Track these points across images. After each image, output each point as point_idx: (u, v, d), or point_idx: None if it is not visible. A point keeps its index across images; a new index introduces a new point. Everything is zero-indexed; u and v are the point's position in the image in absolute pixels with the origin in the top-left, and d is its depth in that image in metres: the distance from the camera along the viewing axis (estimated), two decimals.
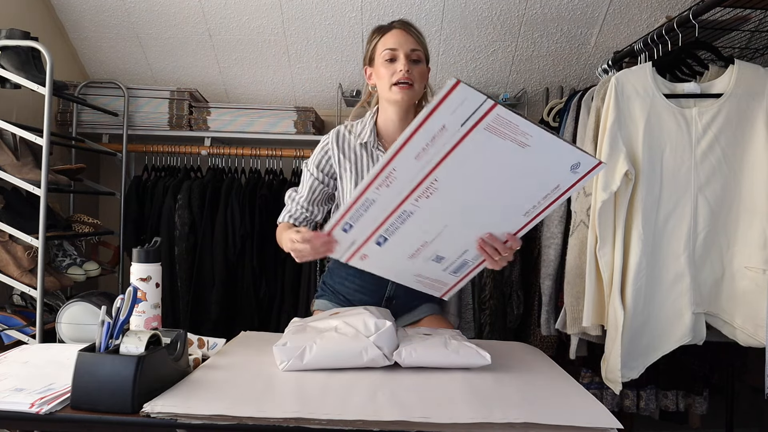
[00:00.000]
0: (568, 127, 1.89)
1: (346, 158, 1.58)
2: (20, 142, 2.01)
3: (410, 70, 1.49)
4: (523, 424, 0.98)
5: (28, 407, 0.99)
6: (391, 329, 1.29)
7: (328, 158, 1.60)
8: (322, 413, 0.99)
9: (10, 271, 1.93)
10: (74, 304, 1.46)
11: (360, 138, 1.57)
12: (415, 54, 1.51)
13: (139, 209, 2.52)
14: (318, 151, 1.62)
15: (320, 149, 1.62)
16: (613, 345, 1.59)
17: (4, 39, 1.99)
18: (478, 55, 2.70)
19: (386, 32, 1.54)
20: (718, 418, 2.43)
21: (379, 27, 1.59)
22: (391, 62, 1.50)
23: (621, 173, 1.58)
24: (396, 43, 1.50)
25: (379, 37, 1.55)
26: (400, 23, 1.55)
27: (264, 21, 2.57)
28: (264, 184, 2.55)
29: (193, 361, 1.25)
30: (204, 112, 2.61)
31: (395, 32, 1.53)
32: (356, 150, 1.58)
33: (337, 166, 1.59)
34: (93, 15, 2.58)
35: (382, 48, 1.52)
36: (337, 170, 1.59)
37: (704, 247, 1.62)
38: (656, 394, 2.32)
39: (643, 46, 1.87)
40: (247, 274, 2.44)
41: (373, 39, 1.57)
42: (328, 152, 1.60)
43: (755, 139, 1.61)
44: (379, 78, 1.53)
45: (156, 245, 1.34)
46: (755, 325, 1.58)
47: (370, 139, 1.56)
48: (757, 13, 1.84)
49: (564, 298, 1.75)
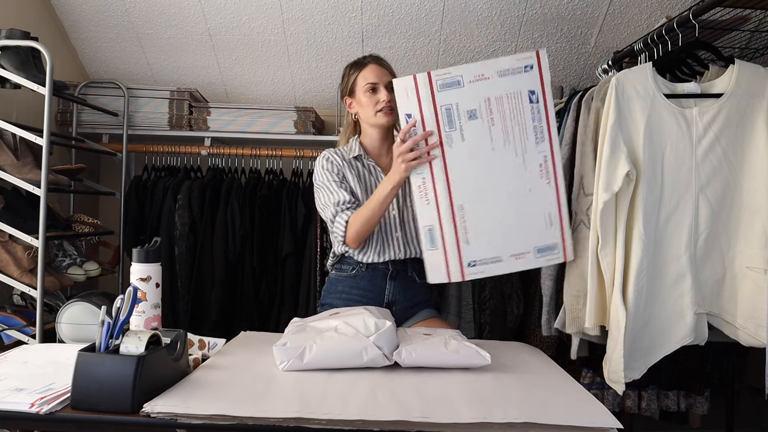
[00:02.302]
0: (568, 127, 1.88)
1: (348, 166, 1.76)
2: (20, 142, 2.01)
3: (390, 99, 1.69)
4: (523, 424, 0.98)
5: (28, 407, 0.99)
6: (391, 329, 1.29)
7: (335, 164, 1.75)
8: (322, 413, 0.99)
9: (10, 271, 1.93)
10: (74, 304, 1.46)
11: (352, 152, 1.78)
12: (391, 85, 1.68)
13: (139, 209, 2.52)
14: (323, 164, 1.76)
15: (323, 161, 1.77)
16: (616, 345, 1.59)
17: (4, 39, 1.99)
18: (478, 55, 2.70)
19: (363, 67, 1.76)
20: (718, 418, 2.43)
21: (355, 63, 1.80)
22: (373, 93, 1.73)
23: (622, 173, 1.58)
24: (375, 77, 1.73)
25: (357, 71, 1.77)
26: (373, 58, 1.79)
27: (264, 21, 2.57)
28: (264, 184, 2.55)
29: (193, 361, 1.25)
30: (204, 112, 2.61)
31: (372, 67, 1.75)
32: (351, 161, 1.78)
33: (344, 168, 1.76)
34: (93, 15, 2.58)
35: (363, 82, 1.74)
36: (344, 171, 1.75)
37: (705, 247, 1.62)
38: (657, 394, 2.31)
39: (643, 46, 1.87)
40: (247, 274, 2.44)
41: (351, 74, 1.79)
42: (334, 161, 1.76)
43: (756, 139, 1.61)
44: (363, 107, 1.75)
45: (156, 245, 1.34)
46: (756, 325, 1.58)
47: (361, 152, 1.78)
48: (757, 13, 1.84)
49: (564, 298, 1.75)
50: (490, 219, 1.49)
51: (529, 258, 1.53)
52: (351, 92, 1.79)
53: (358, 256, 1.72)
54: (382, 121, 1.74)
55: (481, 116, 1.42)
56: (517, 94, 1.44)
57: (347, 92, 1.81)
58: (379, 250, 1.72)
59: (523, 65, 1.42)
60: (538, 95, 1.45)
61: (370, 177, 1.77)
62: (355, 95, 1.78)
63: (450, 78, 1.39)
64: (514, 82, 1.43)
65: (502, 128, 1.44)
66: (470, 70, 1.40)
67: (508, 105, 1.44)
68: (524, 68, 1.42)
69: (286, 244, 2.43)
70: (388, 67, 1.78)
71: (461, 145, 1.44)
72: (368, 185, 1.75)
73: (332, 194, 1.70)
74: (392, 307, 1.72)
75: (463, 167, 1.45)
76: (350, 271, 1.75)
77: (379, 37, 2.63)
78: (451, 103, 1.40)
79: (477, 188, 1.47)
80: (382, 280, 1.73)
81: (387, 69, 1.78)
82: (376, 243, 1.72)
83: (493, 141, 1.45)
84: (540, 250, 1.54)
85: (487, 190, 1.48)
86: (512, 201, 1.49)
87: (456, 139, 1.43)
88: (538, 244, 1.54)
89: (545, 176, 1.50)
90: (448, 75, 1.39)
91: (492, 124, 1.44)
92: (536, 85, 1.44)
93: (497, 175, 1.48)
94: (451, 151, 1.44)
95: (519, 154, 1.48)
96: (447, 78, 1.39)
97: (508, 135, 1.45)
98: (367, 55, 1.82)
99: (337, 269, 1.78)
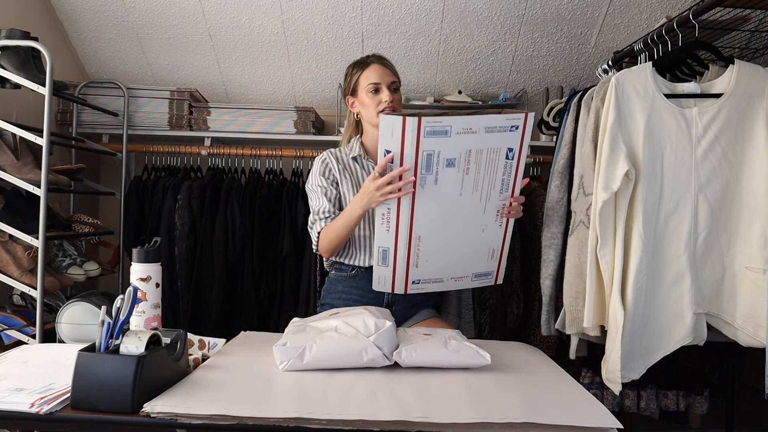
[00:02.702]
0: (568, 127, 1.88)
1: (344, 168, 1.77)
2: (20, 142, 2.01)
3: (393, 99, 1.73)
4: (523, 424, 0.98)
5: (28, 407, 0.99)
6: (391, 329, 1.29)
7: (330, 169, 1.76)
8: (322, 413, 0.99)
9: (10, 271, 1.93)
10: (74, 304, 1.46)
11: (351, 153, 1.79)
12: (393, 85, 1.76)
13: (139, 209, 2.52)
14: (318, 167, 1.78)
15: (320, 164, 1.78)
16: (614, 345, 1.59)
17: (4, 39, 1.99)
18: (478, 55, 2.70)
19: (366, 67, 1.76)
20: (718, 418, 2.43)
21: (358, 62, 1.81)
22: (375, 93, 1.74)
23: (621, 173, 1.58)
24: (378, 77, 1.74)
25: (359, 71, 1.77)
26: (376, 58, 1.79)
27: (264, 21, 2.57)
28: (264, 184, 2.55)
29: (193, 361, 1.25)
30: (204, 112, 2.61)
31: (375, 67, 1.76)
32: (349, 163, 1.79)
33: (336, 173, 1.76)
34: (93, 15, 2.58)
35: (365, 82, 1.75)
36: (337, 177, 1.76)
37: (705, 247, 1.62)
38: (657, 394, 2.31)
39: (643, 46, 1.87)
40: (247, 274, 2.44)
41: (353, 73, 1.79)
42: (328, 165, 1.77)
43: (756, 139, 1.61)
44: (365, 106, 1.76)
45: (156, 245, 1.34)
46: (756, 326, 1.58)
47: (361, 152, 1.78)
48: (757, 13, 1.84)
49: (563, 298, 1.75)
50: (442, 250, 1.58)
51: (466, 281, 1.66)
52: (353, 92, 1.80)
53: (351, 261, 1.74)
54: None
55: (458, 165, 1.47)
56: (497, 150, 1.48)
57: (350, 91, 1.81)
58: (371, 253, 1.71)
59: (510, 125, 1.45)
60: (515, 153, 1.50)
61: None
62: (357, 95, 1.78)
63: (439, 127, 1.40)
64: (497, 139, 1.46)
65: (474, 178, 1.50)
66: (460, 123, 1.41)
67: (486, 158, 1.48)
68: (510, 128, 1.46)
69: (286, 244, 2.43)
70: (391, 67, 1.79)
71: (433, 187, 1.48)
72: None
73: (316, 200, 1.74)
74: (392, 307, 1.72)
75: (428, 205, 1.50)
76: (350, 271, 1.75)
77: (379, 37, 2.63)
78: (433, 150, 1.43)
79: (436, 224, 1.54)
80: None
81: (390, 69, 1.78)
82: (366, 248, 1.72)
83: (463, 188, 1.50)
84: (477, 275, 1.67)
85: (445, 227, 1.55)
86: (465, 238, 1.59)
87: (429, 182, 1.47)
88: (477, 271, 1.67)
89: (500, 220, 1.60)
90: (437, 124, 1.39)
91: (466, 173, 1.48)
92: (516, 144, 1.49)
93: (457, 215, 1.55)
94: (422, 191, 1.48)
95: (482, 200, 1.55)
96: (436, 126, 1.40)
97: (477, 184, 1.51)
98: (370, 54, 1.82)
99: (337, 269, 1.79)
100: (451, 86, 2.82)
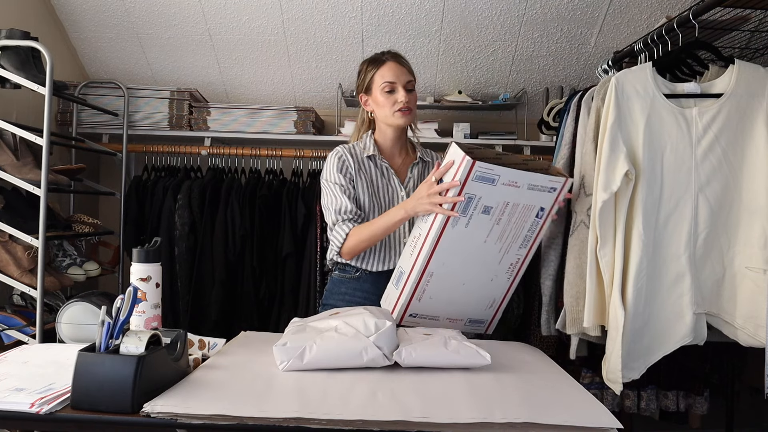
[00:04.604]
0: (568, 127, 1.88)
1: (359, 167, 1.72)
2: (20, 142, 2.01)
3: (408, 99, 1.68)
4: (523, 424, 0.98)
5: (28, 407, 0.99)
6: (391, 329, 1.29)
7: (346, 166, 1.70)
8: (322, 413, 0.99)
9: (10, 271, 1.93)
10: (74, 304, 1.46)
11: (366, 151, 1.73)
12: (410, 84, 1.71)
13: (139, 209, 2.52)
14: (333, 162, 1.71)
15: (335, 159, 1.71)
16: (614, 345, 1.59)
17: (4, 39, 1.99)
18: (478, 55, 2.71)
19: (381, 65, 1.71)
20: (718, 418, 2.43)
21: (373, 59, 1.74)
22: (390, 93, 1.68)
23: (621, 173, 1.58)
24: (393, 76, 1.68)
25: (374, 69, 1.71)
26: (392, 55, 1.73)
27: (264, 21, 2.57)
28: (264, 185, 2.55)
29: (193, 361, 1.25)
30: (204, 112, 2.61)
31: (390, 65, 1.70)
32: (364, 161, 1.74)
33: (353, 171, 1.71)
34: (93, 15, 2.58)
35: (380, 80, 1.69)
36: (353, 174, 1.70)
37: (705, 247, 1.62)
38: (657, 395, 2.31)
39: (643, 46, 1.87)
40: (247, 274, 2.44)
41: (368, 71, 1.73)
42: (345, 161, 1.71)
43: (756, 139, 1.61)
44: (379, 106, 1.70)
45: (156, 245, 1.34)
46: (756, 326, 1.58)
47: (375, 152, 1.73)
48: (757, 13, 1.84)
49: (564, 298, 1.75)
50: (449, 291, 1.58)
51: (459, 324, 1.65)
52: (367, 90, 1.73)
53: (359, 264, 1.70)
54: (399, 122, 1.70)
55: (493, 214, 1.48)
56: (531, 207, 1.51)
57: (363, 89, 1.75)
58: (383, 258, 1.70)
59: (550, 186, 1.49)
60: (545, 212, 1.53)
61: (382, 179, 1.73)
62: (371, 93, 1.72)
63: (489, 174, 1.42)
64: (535, 197, 1.49)
65: (503, 228, 1.51)
66: (508, 175, 1.43)
67: (519, 212, 1.50)
68: (549, 189, 1.49)
69: (286, 244, 2.43)
70: (407, 65, 1.73)
71: (463, 229, 1.49)
72: (379, 188, 1.72)
73: (336, 199, 1.67)
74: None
75: (451, 245, 1.50)
76: (354, 273, 1.72)
77: (379, 37, 2.63)
78: (475, 195, 1.44)
79: (452, 265, 1.54)
80: (386, 283, 1.71)
81: (406, 67, 1.72)
82: (379, 252, 1.70)
83: (489, 236, 1.52)
84: (471, 321, 1.67)
85: (459, 270, 1.56)
86: (474, 283, 1.60)
87: (461, 223, 1.48)
88: (472, 317, 1.67)
89: (510, 273, 1.61)
90: (489, 171, 1.41)
91: (497, 223, 1.50)
92: (548, 204, 1.52)
93: (475, 261, 1.55)
94: (451, 230, 1.48)
95: (502, 251, 1.56)
96: (487, 173, 1.41)
97: (503, 235, 1.53)
98: (385, 51, 1.76)
99: (341, 270, 1.74)
100: (451, 86, 2.82)
